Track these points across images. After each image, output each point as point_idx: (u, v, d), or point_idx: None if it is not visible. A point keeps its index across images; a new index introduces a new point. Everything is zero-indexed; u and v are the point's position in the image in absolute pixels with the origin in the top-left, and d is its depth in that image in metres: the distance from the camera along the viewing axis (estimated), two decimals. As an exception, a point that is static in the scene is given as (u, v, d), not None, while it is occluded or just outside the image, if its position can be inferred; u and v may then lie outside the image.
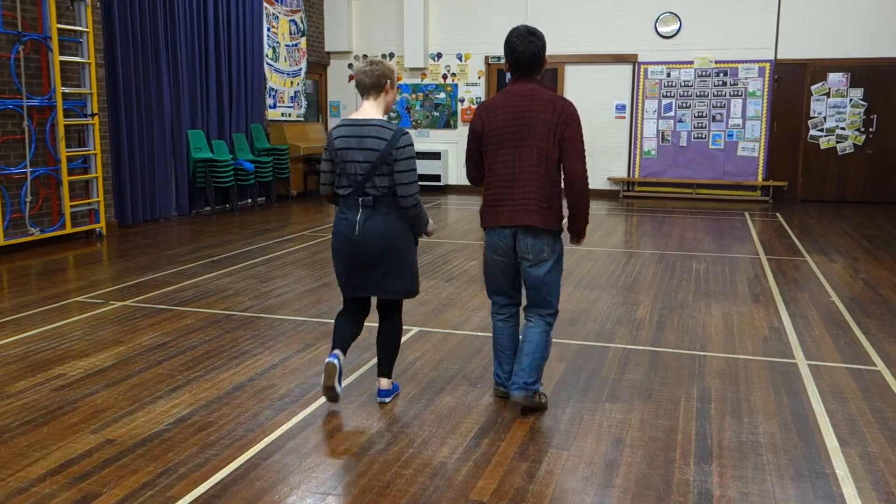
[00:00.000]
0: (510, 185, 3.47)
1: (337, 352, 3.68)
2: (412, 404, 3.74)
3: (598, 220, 10.25)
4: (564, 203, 3.47)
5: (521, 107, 3.45)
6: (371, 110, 3.57)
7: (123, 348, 4.59)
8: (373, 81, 3.54)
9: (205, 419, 3.53)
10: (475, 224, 9.97)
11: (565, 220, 3.54)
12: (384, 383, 3.80)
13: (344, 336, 3.76)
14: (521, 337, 3.68)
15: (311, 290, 6.13)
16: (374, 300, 3.85)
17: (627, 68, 12.98)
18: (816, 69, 12.35)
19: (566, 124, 3.40)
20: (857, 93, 12.26)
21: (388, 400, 3.79)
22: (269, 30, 12.21)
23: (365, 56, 3.75)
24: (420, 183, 15.12)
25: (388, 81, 3.57)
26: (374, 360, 4.37)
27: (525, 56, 3.46)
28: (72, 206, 8.29)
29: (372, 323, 3.97)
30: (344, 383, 3.99)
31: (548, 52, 3.63)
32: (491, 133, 3.50)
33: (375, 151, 3.45)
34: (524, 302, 3.73)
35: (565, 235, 3.60)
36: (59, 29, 7.95)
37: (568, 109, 3.42)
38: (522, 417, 3.57)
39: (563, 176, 3.48)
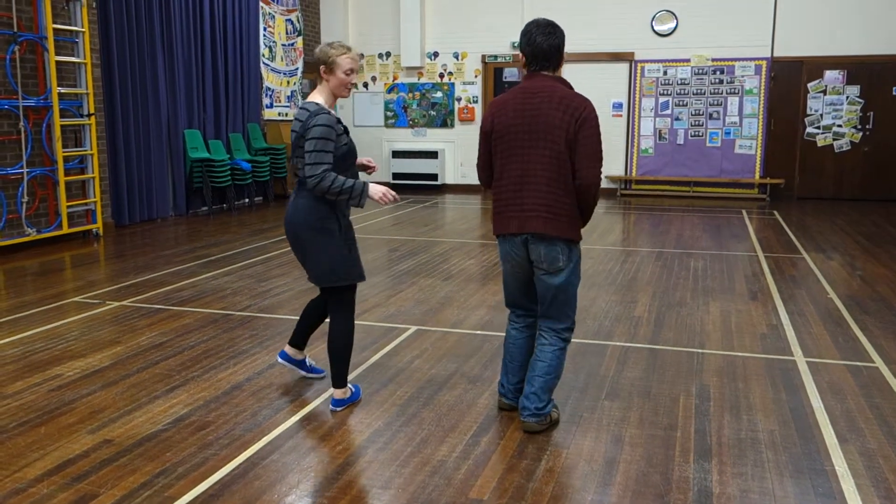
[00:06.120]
0: (519, 189, 3.25)
1: (285, 349, 3.99)
2: (411, 403, 3.73)
3: (596, 219, 10.23)
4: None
5: (532, 105, 3.22)
6: (314, 94, 3.55)
7: (121, 348, 4.58)
8: (319, 68, 3.54)
9: (203, 419, 3.52)
10: (473, 223, 9.96)
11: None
12: (334, 392, 3.63)
13: (299, 328, 3.95)
14: (535, 353, 3.44)
15: (309, 289, 6.12)
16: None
17: (624, 66, 12.98)
18: (813, 66, 12.35)
19: (580, 126, 3.15)
20: (854, 90, 12.27)
21: (338, 409, 3.59)
22: (265, 29, 12.19)
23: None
24: (417, 182, 15.07)
25: (322, 66, 3.49)
26: (369, 362, 4.37)
27: (544, 48, 3.27)
28: (68, 207, 8.27)
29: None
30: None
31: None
32: (500, 133, 3.29)
33: (294, 132, 3.49)
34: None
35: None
36: (54, 29, 7.93)
37: (583, 109, 3.17)
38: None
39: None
